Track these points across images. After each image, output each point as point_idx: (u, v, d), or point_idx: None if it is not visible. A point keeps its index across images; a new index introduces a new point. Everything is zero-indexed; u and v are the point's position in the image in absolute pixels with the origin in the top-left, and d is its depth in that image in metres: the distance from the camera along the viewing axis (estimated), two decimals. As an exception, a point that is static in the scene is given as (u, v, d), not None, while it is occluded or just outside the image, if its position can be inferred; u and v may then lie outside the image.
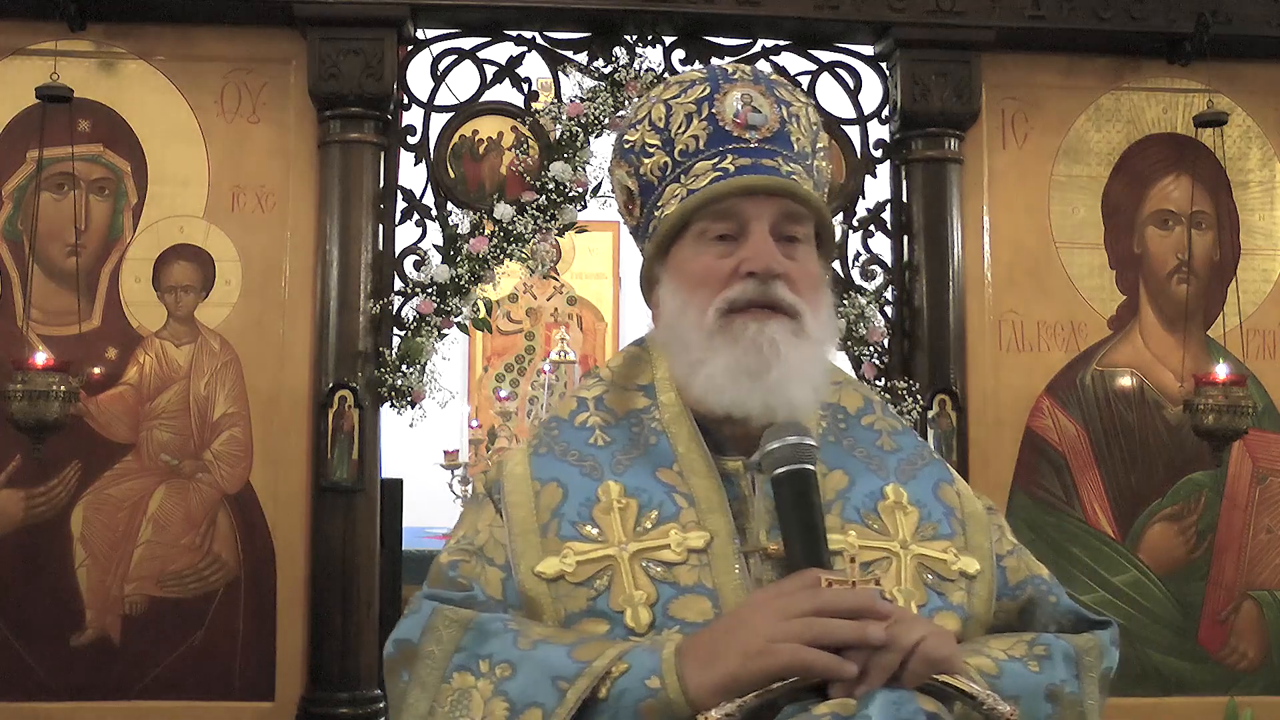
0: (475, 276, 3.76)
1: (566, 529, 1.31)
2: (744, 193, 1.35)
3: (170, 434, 3.70)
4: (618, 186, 1.50)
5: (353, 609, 3.62)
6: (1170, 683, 3.88)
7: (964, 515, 1.41)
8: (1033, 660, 1.30)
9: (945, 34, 3.85)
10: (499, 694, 1.21)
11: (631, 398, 1.43)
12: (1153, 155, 4.05)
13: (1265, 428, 3.98)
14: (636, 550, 1.28)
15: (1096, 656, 1.37)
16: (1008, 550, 1.45)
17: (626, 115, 1.48)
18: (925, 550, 1.34)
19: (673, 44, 3.94)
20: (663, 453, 1.36)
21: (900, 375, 3.84)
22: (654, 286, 1.46)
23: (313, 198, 3.77)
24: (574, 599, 1.28)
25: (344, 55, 3.69)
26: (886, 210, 4.00)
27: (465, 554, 1.35)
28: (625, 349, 1.53)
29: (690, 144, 1.39)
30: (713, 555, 1.28)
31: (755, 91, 1.40)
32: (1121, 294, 4.02)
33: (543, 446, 1.40)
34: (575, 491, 1.34)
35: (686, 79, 1.43)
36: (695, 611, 1.25)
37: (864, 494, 1.36)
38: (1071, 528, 3.91)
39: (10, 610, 3.59)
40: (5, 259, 3.72)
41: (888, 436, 1.45)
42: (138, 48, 3.79)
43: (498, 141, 3.89)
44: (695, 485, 1.33)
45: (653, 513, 1.31)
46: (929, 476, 1.42)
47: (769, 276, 1.33)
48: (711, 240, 1.37)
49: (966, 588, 1.35)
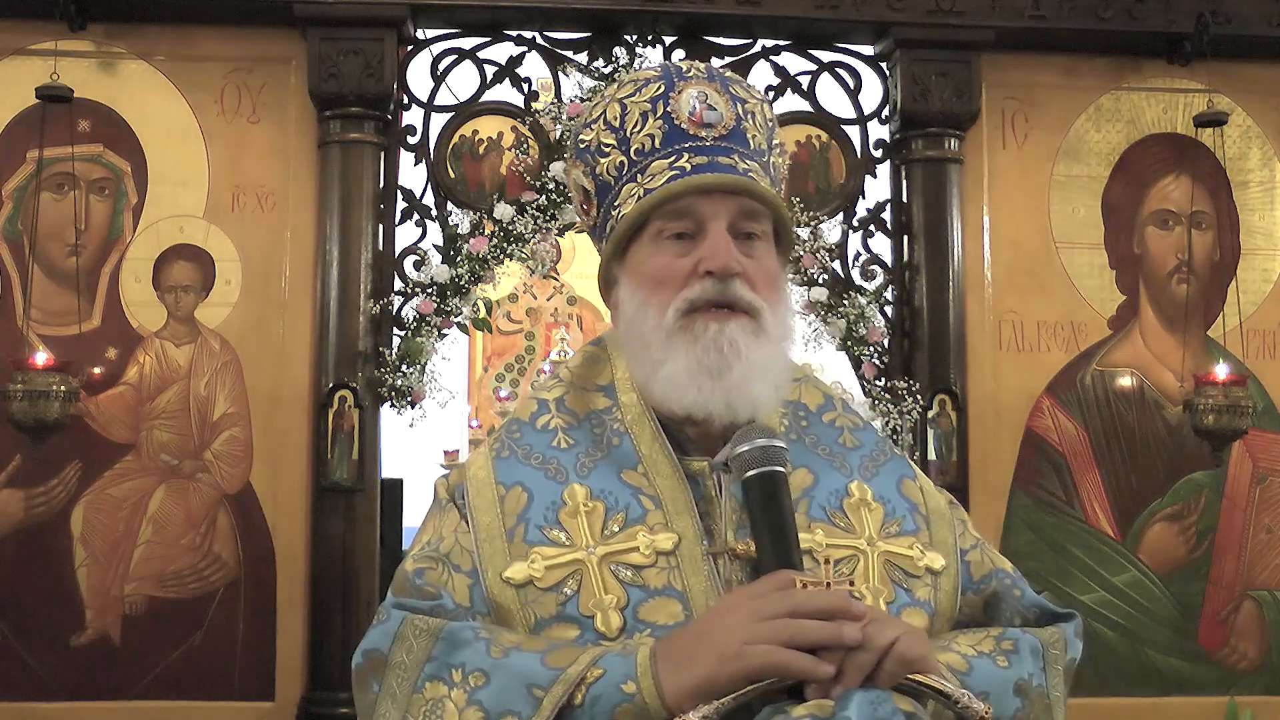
0: (475, 276, 3.76)
1: (533, 533, 1.30)
2: (701, 191, 1.34)
3: (170, 434, 3.70)
4: (574, 186, 1.49)
5: (353, 609, 3.62)
6: (1170, 683, 3.87)
7: (927, 511, 1.42)
8: (1000, 655, 1.31)
9: (945, 34, 3.86)
10: (473, 703, 1.20)
11: (592, 398, 1.42)
12: (1153, 155, 4.05)
13: (1265, 428, 3.98)
14: (605, 554, 1.27)
15: (1061, 649, 1.38)
16: (971, 545, 1.45)
17: (582, 114, 1.46)
18: (891, 547, 1.34)
19: (673, 44, 3.94)
20: (626, 454, 1.36)
21: (900, 375, 3.84)
22: (612, 287, 1.44)
23: (313, 198, 3.77)
24: (543, 604, 1.27)
25: (344, 55, 3.69)
26: (886, 210, 4.00)
27: (431, 561, 1.34)
28: (583, 349, 1.52)
29: (646, 143, 1.38)
30: (681, 557, 1.28)
31: (710, 89, 1.39)
32: (1121, 294, 4.02)
33: (505, 450, 1.39)
34: (540, 495, 1.33)
35: (641, 77, 1.42)
36: (665, 614, 1.25)
37: (828, 492, 1.36)
38: (1071, 528, 3.91)
39: (10, 610, 3.60)
40: (5, 259, 3.72)
41: (849, 433, 1.45)
42: (138, 48, 3.79)
43: (498, 141, 3.89)
44: (661, 487, 1.32)
45: (620, 515, 1.30)
46: (891, 472, 1.42)
47: (727, 275, 1.32)
48: (669, 239, 1.36)
49: (932, 583, 1.35)
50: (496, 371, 7.34)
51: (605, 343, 1.49)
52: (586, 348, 1.51)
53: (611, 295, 1.45)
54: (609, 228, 1.42)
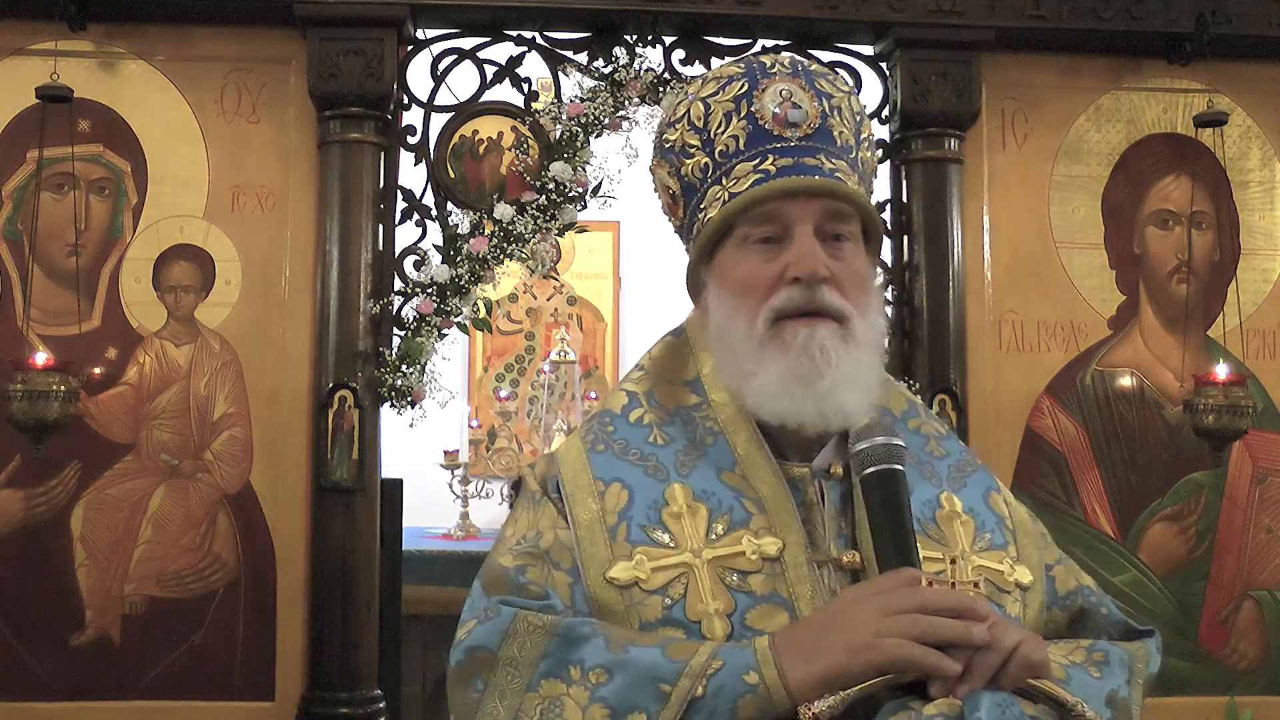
0: (475, 276, 3.76)
1: (636, 533, 1.28)
2: (785, 194, 1.32)
3: (170, 434, 3.70)
4: (660, 187, 1.46)
5: (353, 609, 3.62)
6: (1170, 683, 3.86)
7: (1014, 524, 1.41)
8: (1093, 666, 1.31)
9: (945, 34, 3.85)
10: (596, 700, 1.18)
11: (679, 393, 1.40)
12: (1153, 155, 4.05)
13: (1265, 428, 3.98)
14: (711, 558, 1.26)
15: (1145, 663, 1.39)
16: (1055, 560, 1.45)
17: (664, 112, 1.43)
18: (983, 561, 1.33)
19: (673, 44, 3.94)
20: (721, 454, 1.33)
21: (900, 375, 3.83)
22: (700, 289, 1.43)
23: (313, 198, 3.77)
24: (648, 607, 1.25)
25: (344, 55, 3.69)
26: (886, 210, 3.99)
27: (530, 558, 1.30)
28: (663, 339, 1.48)
29: (730, 144, 1.35)
30: (786, 564, 1.26)
31: (794, 86, 1.36)
32: (1121, 294, 4.02)
33: (600, 443, 1.36)
34: (641, 493, 1.30)
35: (724, 74, 1.39)
36: (772, 623, 1.23)
37: (921, 502, 1.34)
38: (1071, 528, 3.91)
39: (10, 610, 3.59)
40: (5, 259, 3.72)
41: (935, 442, 1.44)
42: (138, 48, 3.79)
43: (498, 141, 3.89)
44: (763, 491, 1.30)
45: (724, 518, 1.28)
46: (979, 484, 1.41)
47: (815, 281, 1.30)
48: (755, 244, 1.34)
49: (1021, 599, 1.34)
50: (496, 371, 7.34)
51: (686, 333, 1.46)
52: (666, 338, 1.48)
53: (700, 298, 1.43)
54: (695, 229, 1.40)
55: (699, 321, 1.45)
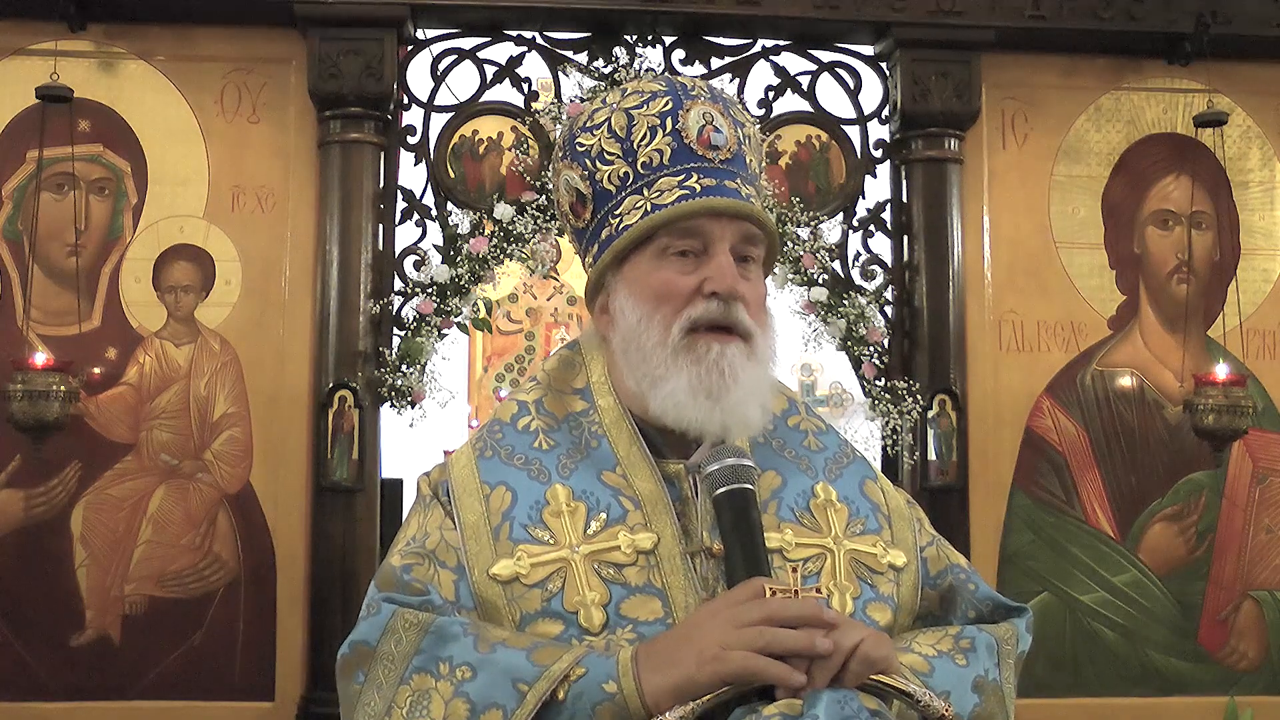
0: (475, 276, 3.76)
1: (518, 532, 1.36)
2: (711, 213, 1.38)
3: (170, 434, 3.70)
4: (565, 187, 1.50)
5: (353, 609, 3.59)
6: (1170, 683, 3.87)
7: (888, 510, 1.49)
8: (959, 654, 1.38)
9: (945, 34, 3.86)
10: (460, 695, 1.25)
11: (569, 401, 1.47)
12: (1153, 155, 4.06)
13: (1265, 428, 3.99)
14: (588, 552, 1.33)
15: (1013, 643, 1.46)
16: (927, 541, 1.52)
17: (580, 117, 1.49)
18: (856, 545, 1.42)
19: (673, 44, 3.94)
20: (604, 455, 1.41)
21: (900, 375, 3.84)
22: (601, 292, 1.48)
23: (313, 198, 3.77)
24: (528, 600, 1.32)
25: (344, 55, 3.70)
26: (886, 210, 4.00)
27: (417, 557, 1.38)
28: (558, 352, 1.56)
29: (654, 157, 1.41)
30: (660, 556, 1.34)
31: (714, 110, 1.43)
32: (1121, 294, 4.02)
33: (488, 450, 1.44)
34: (524, 494, 1.38)
35: (646, 89, 1.44)
36: (646, 611, 1.31)
37: (796, 493, 1.43)
38: (1071, 528, 3.91)
39: (10, 610, 3.60)
40: (5, 259, 3.72)
41: (813, 436, 1.52)
42: (138, 48, 3.79)
43: (498, 141, 3.89)
44: (640, 488, 1.38)
45: (601, 515, 1.36)
46: (854, 474, 1.50)
47: (731, 298, 1.37)
48: (673, 256, 1.40)
49: (895, 579, 1.43)
50: (496, 371, 7.34)
51: (580, 346, 1.54)
52: (561, 351, 1.57)
53: (600, 300, 1.48)
54: (605, 235, 1.45)
55: (594, 331, 1.52)
